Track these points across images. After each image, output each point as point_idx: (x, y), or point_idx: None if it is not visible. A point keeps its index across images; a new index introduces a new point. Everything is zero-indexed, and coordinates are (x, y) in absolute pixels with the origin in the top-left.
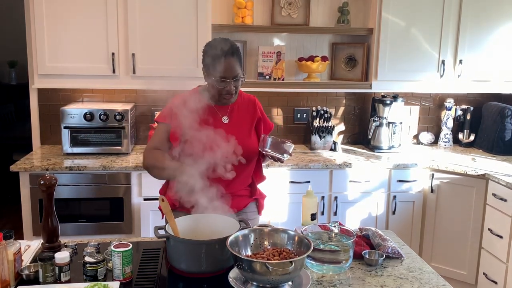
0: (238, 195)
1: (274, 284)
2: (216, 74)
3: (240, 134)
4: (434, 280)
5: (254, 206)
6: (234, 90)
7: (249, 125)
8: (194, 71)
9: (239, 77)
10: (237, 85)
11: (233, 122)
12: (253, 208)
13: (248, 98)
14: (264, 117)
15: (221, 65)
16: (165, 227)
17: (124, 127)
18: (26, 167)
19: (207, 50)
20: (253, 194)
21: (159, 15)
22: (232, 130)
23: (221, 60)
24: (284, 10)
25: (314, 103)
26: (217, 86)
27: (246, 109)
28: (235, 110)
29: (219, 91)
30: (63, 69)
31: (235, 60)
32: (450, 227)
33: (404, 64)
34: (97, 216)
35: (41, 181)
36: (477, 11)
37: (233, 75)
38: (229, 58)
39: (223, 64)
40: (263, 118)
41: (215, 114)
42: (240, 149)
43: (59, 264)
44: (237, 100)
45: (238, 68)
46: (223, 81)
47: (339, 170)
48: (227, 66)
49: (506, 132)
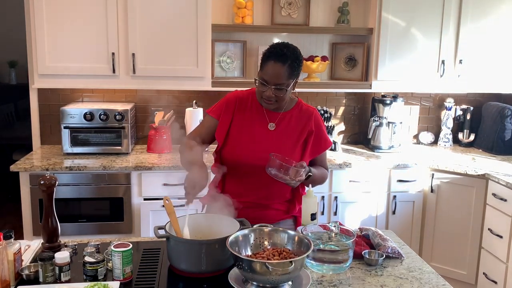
0: (273, 208)
1: (274, 284)
2: (260, 75)
3: (282, 144)
4: (434, 280)
5: (291, 223)
6: (274, 98)
7: (296, 138)
8: (194, 71)
9: (283, 87)
10: (278, 94)
11: (279, 130)
12: (289, 224)
13: (307, 109)
14: (321, 132)
15: (266, 67)
16: (165, 227)
17: (124, 127)
18: (26, 167)
19: (267, 48)
20: (291, 211)
21: (159, 15)
22: (275, 139)
23: (268, 62)
24: (284, 10)
25: (314, 103)
26: (258, 88)
27: (299, 120)
28: (286, 119)
29: (260, 94)
30: (63, 69)
31: (283, 68)
32: (450, 227)
33: (404, 64)
34: (97, 216)
35: (41, 181)
36: (477, 11)
37: (275, 82)
38: (277, 64)
39: (268, 67)
40: (318, 132)
41: (263, 118)
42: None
43: (59, 264)
44: (292, 110)
45: (283, 78)
46: (263, 84)
47: (339, 170)
48: (272, 70)
49: (506, 132)
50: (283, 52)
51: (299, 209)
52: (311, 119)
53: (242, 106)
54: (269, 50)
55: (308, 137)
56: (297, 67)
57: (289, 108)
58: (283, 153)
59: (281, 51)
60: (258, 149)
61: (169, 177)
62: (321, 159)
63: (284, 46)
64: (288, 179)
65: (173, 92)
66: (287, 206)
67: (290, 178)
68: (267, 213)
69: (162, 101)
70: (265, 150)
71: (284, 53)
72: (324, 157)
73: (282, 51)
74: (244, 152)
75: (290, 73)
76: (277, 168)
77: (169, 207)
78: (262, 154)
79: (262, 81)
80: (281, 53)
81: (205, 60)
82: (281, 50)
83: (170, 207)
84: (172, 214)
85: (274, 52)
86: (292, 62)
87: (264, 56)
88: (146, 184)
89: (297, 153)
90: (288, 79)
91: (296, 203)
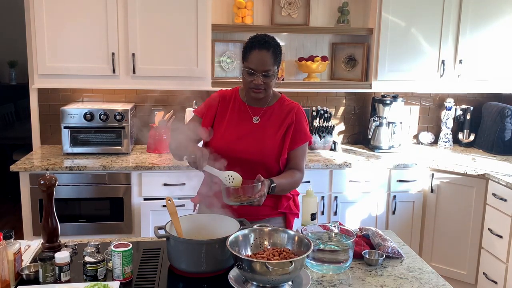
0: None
1: (274, 284)
2: (246, 65)
3: (263, 137)
4: (434, 280)
5: (280, 221)
6: (263, 85)
7: (275, 131)
8: (194, 71)
9: (270, 74)
10: (267, 81)
11: (261, 124)
12: (278, 222)
13: (289, 104)
14: (300, 125)
15: (252, 56)
16: (165, 227)
17: (124, 127)
18: (26, 167)
19: (247, 41)
20: (278, 206)
21: (159, 15)
22: (258, 132)
23: (252, 51)
24: (284, 10)
25: (314, 103)
26: (246, 78)
27: (280, 114)
28: (268, 113)
29: (248, 84)
30: (63, 69)
31: (268, 54)
32: (450, 227)
33: (404, 64)
34: (97, 216)
35: (41, 181)
36: (477, 11)
37: (263, 69)
38: (262, 51)
39: (253, 56)
40: (297, 125)
41: (246, 113)
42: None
43: (59, 264)
44: (275, 105)
45: (270, 64)
46: (252, 73)
47: (339, 170)
48: (258, 58)
49: (506, 132)
50: (265, 40)
51: (287, 206)
52: (292, 112)
53: (226, 103)
54: (250, 40)
55: (287, 130)
56: (279, 54)
57: (271, 103)
58: (265, 145)
59: (262, 39)
60: (242, 142)
61: (169, 177)
62: (296, 156)
63: (264, 35)
64: (250, 200)
65: (173, 92)
66: (274, 201)
67: (252, 198)
68: (255, 209)
69: (162, 101)
70: (249, 142)
71: (266, 41)
72: (300, 156)
73: (263, 39)
74: (230, 145)
75: (275, 59)
76: (231, 194)
77: (171, 207)
78: (247, 147)
79: (250, 70)
80: (263, 41)
81: (205, 60)
82: (263, 39)
83: (172, 207)
84: (174, 214)
85: (256, 41)
86: (274, 48)
87: (247, 47)
88: (146, 184)
89: (276, 146)
90: (273, 65)
91: (283, 199)
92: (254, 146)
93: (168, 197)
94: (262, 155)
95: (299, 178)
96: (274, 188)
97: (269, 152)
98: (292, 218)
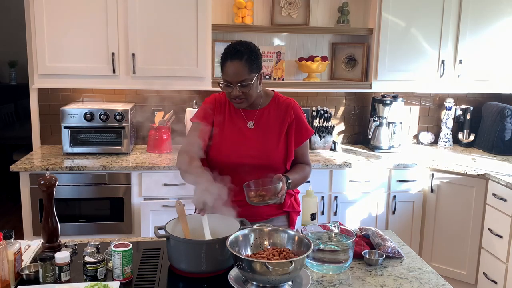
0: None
1: (274, 284)
2: (223, 77)
3: (264, 141)
4: (434, 280)
5: (284, 219)
6: (242, 96)
7: (277, 132)
8: (194, 71)
9: (247, 83)
10: (244, 91)
11: (259, 128)
12: (282, 221)
13: (284, 101)
14: (301, 121)
15: (226, 68)
16: (165, 227)
17: (124, 127)
18: (26, 167)
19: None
20: (283, 205)
21: (159, 15)
22: (257, 137)
23: (226, 63)
24: (284, 10)
25: (314, 103)
26: (225, 90)
27: (278, 114)
28: (264, 115)
29: (228, 96)
30: (63, 69)
31: (241, 64)
32: (450, 227)
33: (404, 64)
34: (97, 216)
35: (41, 181)
36: (477, 11)
37: (237, 80)
38: (234, 62)
39: (227, 67)
40: (298, 122)
41: (241, 118)
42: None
43: (59, 264)
44: (269, 105)
45: (244, 73)
46: (227, 85)
47: (339, 170)
48: (231, 69)
49: (506, 132)
50: (236, 49)
51: (291, 204)
52: (289, 110)
53: (221, 108)
54: (224, 51)
55: (289, 129)
56: (255, 60)
57: (265, 104)
58: (267, 149)
59: (234, 49)
60: (241, 149)
61: (169, 177)
62: (302, 152)
63: (237, 43)
64: (273, 199)
65: (173, 92)
66: None
67: (275, 197)
68: (260, 210)
69: (162, 101)
70: (248, 148)
71: (238, 50)
72: (305, 150)
73: (235, 49)
74: (228, 152)
75: (250, 67)
76: (255, 195)
77: (181, 210)
78: (246, 152)
79: (226, 83)
80: (235, 51)
81: (205, 60)
82: (234, 48)
83: (182, 210)
84: (183, 217)
85: (228, 51)
86: (248, 56)
87: (221, 59)
88: (146, 184)
89: (281, 148)
90: (249, 74)
91: (286, 197)
92: (256, 151)
93: (178, 201)
94: (266, 158)
95: (308, 172)
96: (290, 184)
97: (273, 154)
98: (295, 217)
